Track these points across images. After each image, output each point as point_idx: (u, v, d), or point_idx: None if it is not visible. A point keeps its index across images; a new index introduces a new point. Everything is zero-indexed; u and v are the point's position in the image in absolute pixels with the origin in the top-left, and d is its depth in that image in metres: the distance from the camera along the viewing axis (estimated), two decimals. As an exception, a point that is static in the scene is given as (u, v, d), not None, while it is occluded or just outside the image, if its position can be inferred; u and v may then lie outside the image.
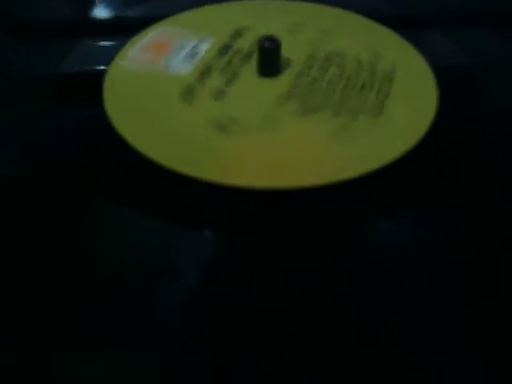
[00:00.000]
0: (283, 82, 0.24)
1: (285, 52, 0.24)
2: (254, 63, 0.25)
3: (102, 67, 0.25)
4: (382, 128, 0.22)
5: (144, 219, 0.20)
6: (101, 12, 0.30)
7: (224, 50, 0.26)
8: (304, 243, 0.20)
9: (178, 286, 0.18)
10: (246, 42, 0.26)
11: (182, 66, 0.25)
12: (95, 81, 0.24)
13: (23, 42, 0.28)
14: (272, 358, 0.17)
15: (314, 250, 0.19)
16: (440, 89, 0.24)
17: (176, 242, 0.20)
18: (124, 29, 0.28)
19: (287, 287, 0.18)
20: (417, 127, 0.22)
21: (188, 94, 0.23)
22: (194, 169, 0.20)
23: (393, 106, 0.23)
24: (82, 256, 0.19)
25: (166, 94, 0.23)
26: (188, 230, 0.20)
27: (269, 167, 0.21)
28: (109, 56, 0.26)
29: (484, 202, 0.21)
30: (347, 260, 0.19)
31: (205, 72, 0.24)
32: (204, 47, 0.26)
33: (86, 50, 0.27)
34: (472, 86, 0.26)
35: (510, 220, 0.20)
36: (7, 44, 0.27)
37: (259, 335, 0.17)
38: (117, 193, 0.21)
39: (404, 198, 0.21)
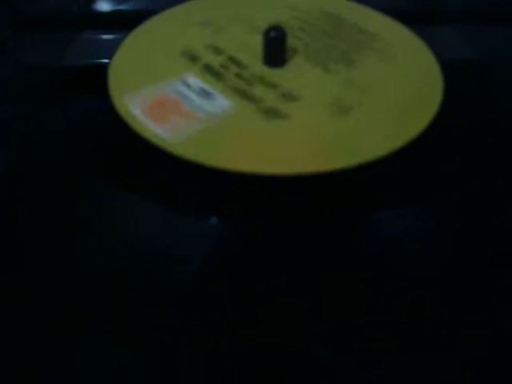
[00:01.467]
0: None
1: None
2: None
3: (105, 60, 0.25)
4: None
5: (155, 208, 0.20)
6: (102, 5, 0.30)
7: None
8: (308, 231, 0.19)
9: (184, 272, 0.18)
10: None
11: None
12: (98, 73, 0.24)
13: (26, 34, 0.28)
14: (274, 349, 0.17)
15: (318, 239, 0.19)
16: (448, 83, 0.24)
17: (181, 228, 0.20)
18: (125, 21, 0.28)
19: (292, 276, 0.18)
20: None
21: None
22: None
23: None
24: (88, 244, 0.19)
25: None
26: (193, 216, 0.20)
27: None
28: (111, 48, 0.26)
29: (487, 194, 0.21)
30: (352, 250, 0.19)
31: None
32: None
33: (88, 43, 0.27)
34: (480, 81, 0.25)
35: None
36: (10, 37, 0.27)
37: (262, 325, 0.17)
38: (124, 180, 0.21)
39: (405, 189, 0.21)
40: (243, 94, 0.23)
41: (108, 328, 0.17)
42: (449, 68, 0.24)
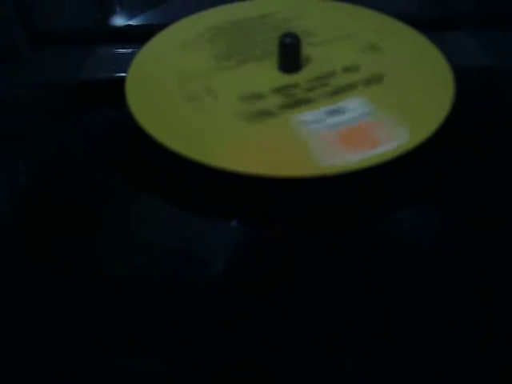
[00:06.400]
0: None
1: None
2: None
3: (121, 73, 0.25)
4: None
5: (175, 211, 0.20)
6: (118, 20, 0.30)
7: None
8: (326, 232, 0.20)
9: (204, 274, 0.18)
10: None
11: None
12: (114, 86, 0.24)
13: (44, 49, 0.28)
14: (293, 346, 0.17)
15: (338, 238, 0.19)
16: (461, 88, 0.23)
17: (202, 230, 0.20)
18: (140, 35, 0.28)
19: (310, 276, 0.18)
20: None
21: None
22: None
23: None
24: (111, 244, 0.19)
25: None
26: (213, 219, 0.20)
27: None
28: (127, 62, 0.26)
29: (499, 196, 0.21)
30: (368, 250, 0.19)
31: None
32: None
33: (104, 57, 0.27)
34: (493, 86, 0.26)
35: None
36: (29, 52, 0.28)
37: (280, 323, 0.17)
38: (146, 186, 0.21)
39: (417, 189, 0.21)
40: (349, 90, 0.23)
41: (128, 332, 0.17)
42: (462, 73, 0.24)
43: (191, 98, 0.23)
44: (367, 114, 0.22)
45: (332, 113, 0.22)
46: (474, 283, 0.18)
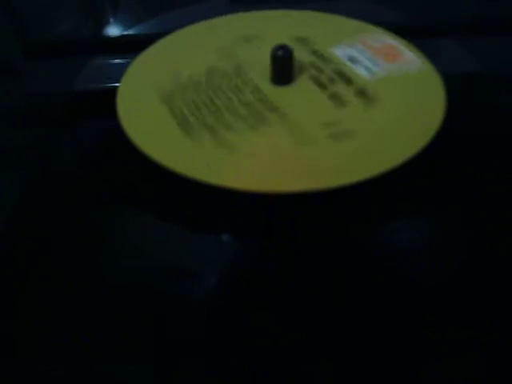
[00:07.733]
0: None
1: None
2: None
3: (115, 84, 0.25)
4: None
5: (163, 224, 0.20)
6: (111, 30, 0.30)
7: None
8: (318, 245, 0.20)
9: (194, 287, 0.19)
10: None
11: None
12: (108, 97, 0.25)
13: (37, 61, 0.28)
14: (287, 360, 0.17)
15: (328, 252, 0.20)
16: (450, 96, 0.24)
17: (192, 245, 0.20)
18: (134, 45, 0.28)
19: (302, 288, 0.18)
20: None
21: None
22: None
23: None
24: (104, 259, 0.20)
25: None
26: (203, 233, 0.20)
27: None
28: (120, 72, 0.26)
29: (493, 206, 0.21)
30: (362, 262, 0.19)
31: None
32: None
33: (98, 68, 0.27)
34: (482, 93, 0.26)
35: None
36: (22, 64, 0.28)
37: (273, 337, 0.17)
38: (135, 200, 0.21)
39: (412, 201, 0.21)
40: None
41: (120, 344, 0.17)
42: (451, 80, 0.24)
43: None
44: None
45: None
46: (472, 295, 0.18)
